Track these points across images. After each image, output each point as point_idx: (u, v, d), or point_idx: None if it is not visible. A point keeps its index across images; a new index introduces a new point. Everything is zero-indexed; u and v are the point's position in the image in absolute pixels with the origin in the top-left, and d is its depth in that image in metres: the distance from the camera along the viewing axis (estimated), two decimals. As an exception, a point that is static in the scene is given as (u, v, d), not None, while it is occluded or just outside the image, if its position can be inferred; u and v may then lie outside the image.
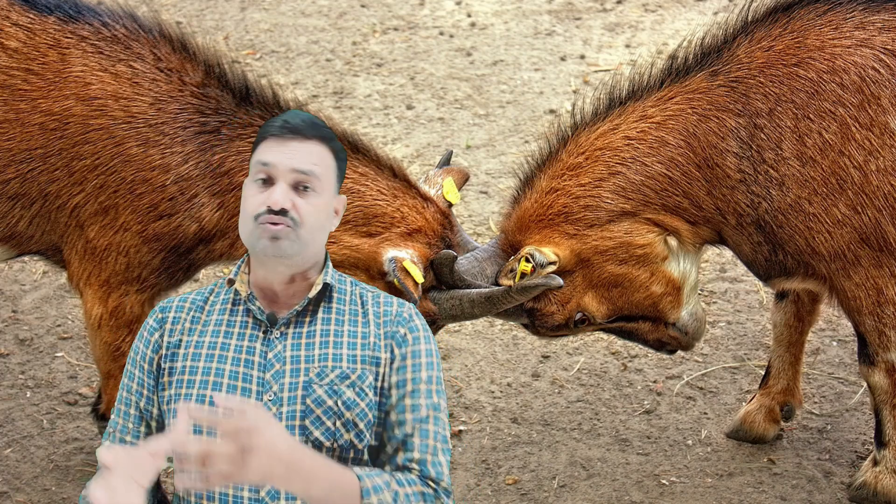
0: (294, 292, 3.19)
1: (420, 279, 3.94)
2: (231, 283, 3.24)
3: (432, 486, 3.07)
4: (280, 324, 3.16)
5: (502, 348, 5.43)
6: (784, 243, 4.16)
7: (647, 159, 4.19)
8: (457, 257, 4.08)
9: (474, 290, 4.09)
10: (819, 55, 4.08)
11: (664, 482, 4.67)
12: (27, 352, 5.34)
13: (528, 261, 4.13)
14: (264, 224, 3.08)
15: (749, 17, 4.25)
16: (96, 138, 4.05)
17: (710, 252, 5.86)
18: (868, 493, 4.46)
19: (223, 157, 4.07)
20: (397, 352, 3.17)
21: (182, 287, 4.66)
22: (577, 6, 8.53)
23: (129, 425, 3.26)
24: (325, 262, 3.24)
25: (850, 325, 4.42)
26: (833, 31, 4.11)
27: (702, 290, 5.69)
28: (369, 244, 4.04)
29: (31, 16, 4.14)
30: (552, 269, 4.14)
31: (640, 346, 4.62)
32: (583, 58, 7.90)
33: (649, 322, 4.36)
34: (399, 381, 3.15)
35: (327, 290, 3.21)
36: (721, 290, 5.78)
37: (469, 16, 8.45)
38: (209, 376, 3.14)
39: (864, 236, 4.09)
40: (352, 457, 3.12)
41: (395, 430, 3.13)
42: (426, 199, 4.16)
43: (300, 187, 3.12)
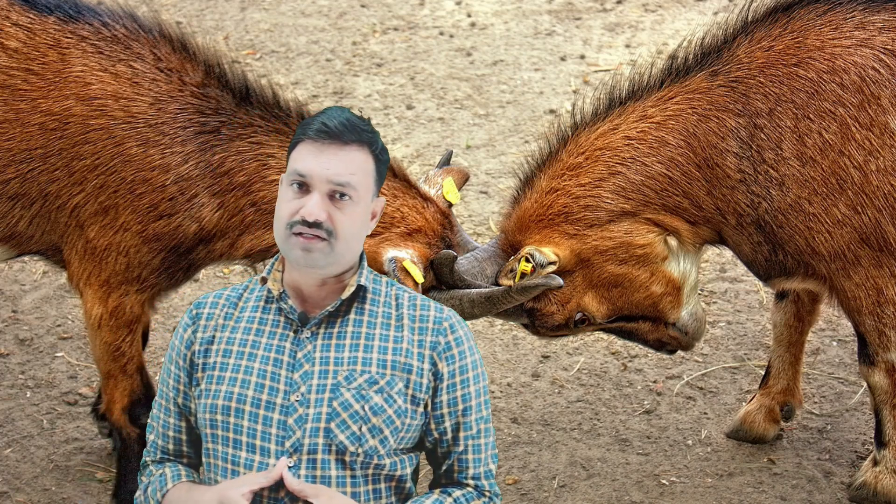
0: (327, 293, 3.17)
1: (420, 279, 3.94)
2: (264, 281, 3.22)
3: (487, 495, 3.19)
4: (311, 324, 3.14)
5: (502, 348, 5.43)
6: (784, 243, 4.16)
7: (647, 159, 4.19)
8: (457, 257, 4.08)
9: (474, 290, 4.09)
10: (819, 55, 4.08)
11: (664, 482, 4.67)
12: (27, 352, 5.34)
13: (528, 261, 4.13)
14: (297, 235, 3.06)
15: (749, 17, 4.24)
16: (96, 138, 4.05)
17: (710, 252, 5.85)
18: (868, 493, 4.46)
19: (223, 157, 4.07)
20: (444, 369, 3.16)
21: (182, 287, 4.66)
22: (577, 6, 8.53)
23: (170, 446, 3.28)
24: (360, 264, 3.21)
25: (850, 325, 4.42)
26: (833, 31, 4.11)
27: (702, 290, 5.69)
28: (369, 244, 4.04)
29: (31, 16, 4.14)
30: (552, 269, 4.14)
31: (640, 346, 4.62)
32: (583, 58, 7.90)
33: (649, 322, 4.36)
34: (450, 401, 3.17)
35: (360, 291, 3.19)
36: (721, 290, 5.78)
37: (469, 16, 8.45)
38: (238, 373, 3.14)
39: (864, 236, 4.09)
40: (375, 462, 3.12)
41: (449, 447, 3.20)
42: (426, 199, 4.16)
43: (336, 195, 3.07)
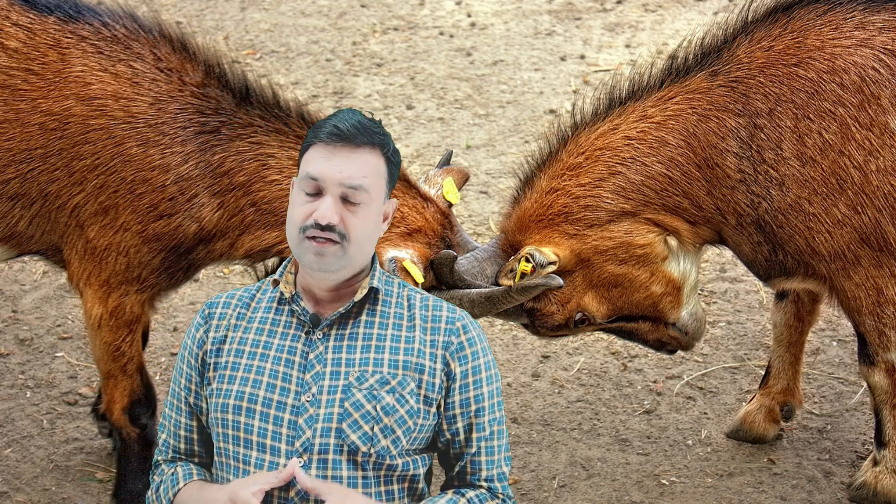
0: (340, 295, 3.18)
1: (420, 279, 3.94)
2: (276, 283, 3.22)
3: (500, 497, 3.19)
4: (323, 325, 3.15)
5: (502, 348, 5.43)
6: (784, 243, 4.16)
7: (647, 159, 4.19)
8: (457, 257, 4.08)
9: (474, 290, 4.09)
10: (819, 55, 4.08)
11: (664, 482, 4.67)
12: (27, 352, 5.34)
13: (528, 261, 4.13)
14: (310, 239, 3.06)
15: (749, 17, 4.24)
16: (96, 138, 4.05)
17: (710, 252, 5.85)
18: (868, 493, 4.46)
19: (223, 157, 4.07)
20: (456, 369, 3.17)
21: (182, 287, 4.66)
22: (577, 6, 8.53)
23: (181, 445, 3.28)
24: (372, 266, 3.21)
25: (850, 325, 4.42)
26: (833, 31, 4.11)
27: (702, 290, 5.69)
28: (369, 244, 4.05)
29: (31, 16, 4.14)
30: (552, 269, 4.14)
31: (640, 346, 4.62)
32: (583, 58, 7.90)
33: (649, 322, 4.36)
34: (462, 401, 3.18)
35: (373, 293, 3.19)
36: (721, 290, 5.78)
37: (469, 16, 8.45)
38: (250, 374, 3.14)
39: (864, 236, 4.09)
40: (387, 463, 3.12)
41: (462, 448, 3.20)
42: (426, 199, 4.16)
43: (348, 198, 3.08)
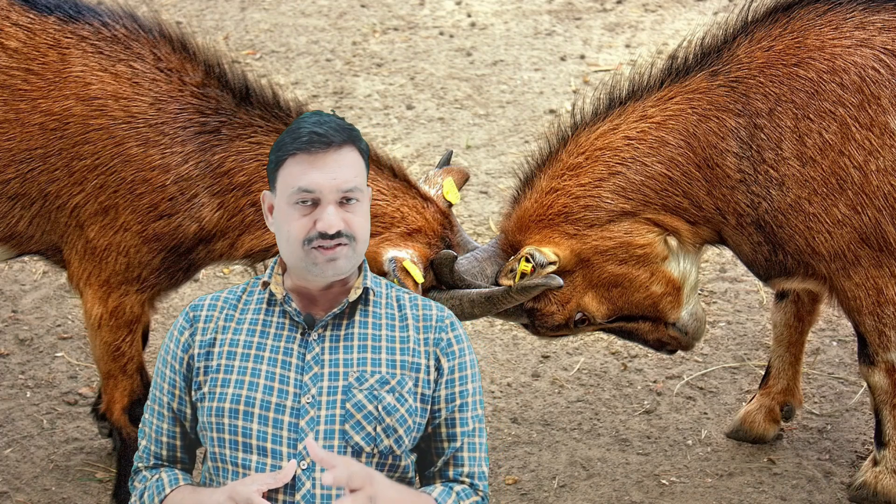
0: (333, 294, 3.18)
1: (420, 279, 3.94)
2: (265, 285, 3.21)
3: (480, 494, 3.20)
4: (318, 326, 3.14)
5: (502, 348, 5.43)
6: (784, 243, 4.16)
7: (647, 159, 4.19)
8: (457, 257, 4.08)
9: (474, 290, 4.09)
10: (819, 55, 4.08)
11: (664, 482, 4.67)
12: (27, 352, 5.34)
13: (528, 261, 4.13)
14: (318, 249, 3.07)
15: (749, 17, 4.24)
16: (96, 138, 4.05)
17: (710, 252, 5.85)
18: (868, 493, 4.46)
19: (223, 157, 4.07)
20: (444, 364, 3.18)
21: (182, 287, 4.66)
22: (577, 6, 8.53)
23: (163, 452, 3.25)
24: (362, 265, 3.23)
25: (850, 325, 4.42)
26: (833, 31, 4.11)
27: (702, 290, 5.69)
28: (369, 244, 4.04)
29: (31, 16, 4.14)
30: (552, 269, 4.14)
31: (640, 346, 4.62)
32: (583, 58, 7.90)
33: (649, 322, 4.36)
34: (448, 396, 3.19)
35: (365, 293, 3.20)
36: (721, 290, 5.78)
37: (469, 16, 8.45)
38: (245, 376, 3.13)
39: (864, 236, 4.09)
40: (390, 462, 3.13)
41: (444, 443, 3.20)
42: (426, 199, 4.16)
43: (344, 200, 3.10)
